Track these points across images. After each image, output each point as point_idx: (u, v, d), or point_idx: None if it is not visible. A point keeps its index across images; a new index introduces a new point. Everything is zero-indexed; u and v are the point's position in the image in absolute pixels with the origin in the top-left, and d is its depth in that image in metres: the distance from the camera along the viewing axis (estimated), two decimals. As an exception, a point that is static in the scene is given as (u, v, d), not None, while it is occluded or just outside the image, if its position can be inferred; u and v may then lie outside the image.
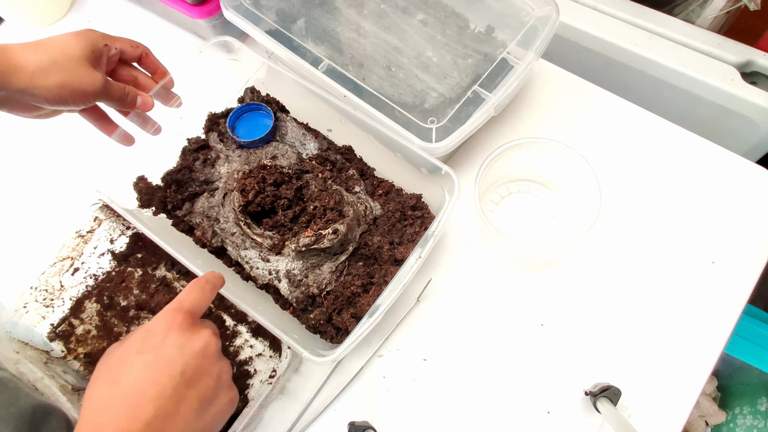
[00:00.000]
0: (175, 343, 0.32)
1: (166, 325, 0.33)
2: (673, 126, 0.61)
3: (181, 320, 0.34)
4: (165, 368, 0.31)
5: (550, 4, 0.56)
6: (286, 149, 0.56)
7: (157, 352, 0.32)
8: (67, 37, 0.44)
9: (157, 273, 0.58)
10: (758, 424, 0.83)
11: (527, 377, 0.51)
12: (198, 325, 0.35)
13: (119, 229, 0.60)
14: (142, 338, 0.33)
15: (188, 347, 0.33)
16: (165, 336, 0.33)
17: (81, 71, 0.43)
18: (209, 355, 0.33)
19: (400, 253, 0.51)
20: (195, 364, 0.32)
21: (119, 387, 0.31)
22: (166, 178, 0.55)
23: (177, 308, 0.34)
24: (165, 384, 0.31)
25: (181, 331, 0.33)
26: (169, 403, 0.30)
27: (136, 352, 0.32)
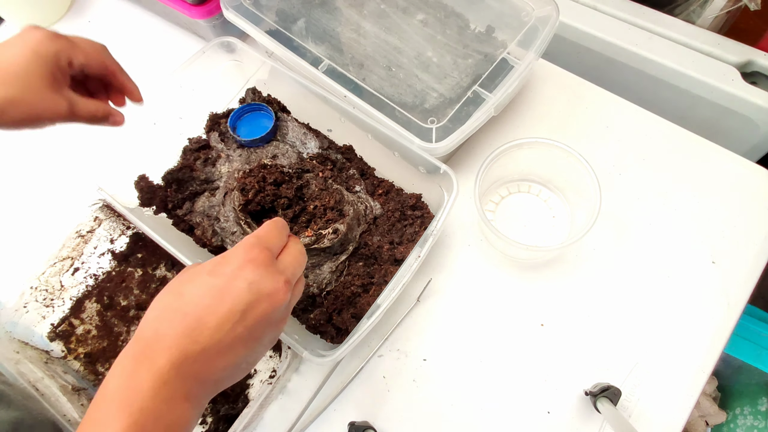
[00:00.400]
0: (247, 277, 0.30)
1: (243, 257, 0.31)
2: (673, 126, 0.61)
3: (257, 254, 0.31)
4: (229, 301, 0.30)
5: (550, 4, 0.56)
6: (287, 149, 0.56)
7: (227, 280, 0.30)
8: (25, 58, 0.38)
9: (158, 273, 0.58)
10: (758, 425, 0.83)
11: (527, 377, 0.51)
12: (273, 266, 0.32)
13: (119, 229, 0.60)
14: (217, 262, 0.31)
15: (258, 286, 0.30)
16: (240, 267, 0.31)
17: (42, 100, 0.39)
18: (276, 301, 0.31)
19: (400, 253, 0.51)
20: (260, 307, 0.30)
21: (182, 301, 0.30)
22: (167, 177, 0.55)
23: (256, 242, 0.32)
24: (225, 318, 0.29)
25: (255, 266, 0.31)
26: (226, 337, 0.29)
27: (207, 273, 0.31)
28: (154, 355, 0.28)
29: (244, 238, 0.33)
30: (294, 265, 0.34)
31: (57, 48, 0.39)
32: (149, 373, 0.28)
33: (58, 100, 0.40)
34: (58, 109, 0.40)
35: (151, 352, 0.29)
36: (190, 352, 0.29)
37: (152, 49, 0.74)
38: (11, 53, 0.38)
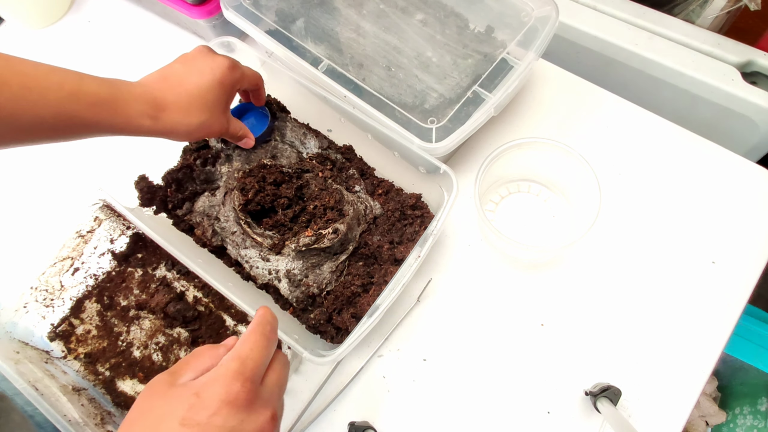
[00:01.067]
0: (224, 424, 0.27)
1: (221, 397, 0.28)
2: (673, 126, 0.61)
3: (238, 391, 0.28)
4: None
5: (550, 4, 0.56)
6: (287, 148, 0.56)
7: (202, 430, 0.27)
8: (214, 89, 0.44)
9: (158, 273, 0.58)
10: (758, 425, 0.83)
11: (527, 377, 0.51)
12: (257, 401, 0.29)
13: (119, 229, 0.60)
14: (189, 405, 0.27)
15: (240, 431, 0.28)
16: (216, 411, 0.27)
17: (217, 116, 0.45)
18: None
19: (400, 253, 0.51)
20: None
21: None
22: (167, 177, 0.55)
23: (237, 373, 0.29)
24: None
25: (235, 409, 0.28)
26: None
27: (180, 423, 0.27)
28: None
29: (223, 361, 0.30)
30: (280, 386, 0.32)
31: (235, 79, 0.46)
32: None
33: (224, 120, 0.47)
34: (223, 126, 0.47)
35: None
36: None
37: (152, 49, 0.74)
38: (207, 84, 0.44)
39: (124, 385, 0.54)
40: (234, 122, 0.50)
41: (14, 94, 0.35)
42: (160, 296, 0.57)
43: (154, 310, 0.56)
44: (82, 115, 0.37)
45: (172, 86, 0.43)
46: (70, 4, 0.78)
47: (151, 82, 0.43)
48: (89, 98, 0.37)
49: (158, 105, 0.41)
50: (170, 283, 0.58)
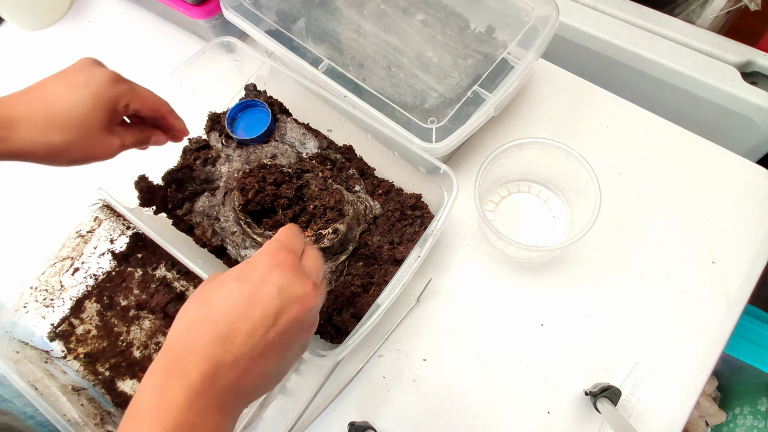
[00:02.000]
0: (276, 281, 0.30)
1: (270, 261, 0.30)
2: (673, 126, 0.61)
3: (284, 257, 0.31)
4: (260, 306, 0.29)
5: (550, 4, 0.56)
6: (286, 148, 0.56)
7: (256, 285, 0.29)
8: (86, 104, 0.38)
9: (158, 273, 0.58)
10: (758, 425, 0.83)
11: (527, 377, 0.51)
12: (300, 269, 0.32)
13: (119, 229, 0.60)
14: (243, 268, 0.31)
15: (288, 290, 0.30)
16: (267, 271, 0.30)
17: (98, 142, 0.40)
18: (307, 304, 0.31)
19: (400, 253, 0.51)
20: (292, 312, 0.30)
21: (211, 309, 0.29)
22: (167, 177, 0.55)
23: (280, 246, 0.32)
24: (258, 324, 0.29)
25: (283, 270, 0.30)
26: (259, 344, 0.29)
27: (235, 279, 0.30)
28: (186, 367, 0.28)
29: (265, 243, 0.33)
30: (318, 268, 0.34)
31: (117, 93, 0.40)
32: (182, 387, 0.27)
33: (111, 140, 0.41)
34: (111, 149, 0.42)
35: (183, 364, 0.28)
36: (223, 362, 0.28)
37: (152, 49, 0.74)
38: (75, 98, 0.38)
39: (124, 385, 0.54)
40: (129, 135, 0.43)
41: None
42: (160, 296, 0.57)
43: (154, 310, 0.56)
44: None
45: (29, 101, 0.38)
46: (70, 5, 0.78)
47: (8, 97, 0.38)
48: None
49: (5, 123, 0.36)
50: (170, 283, 0.58)
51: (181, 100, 0.58)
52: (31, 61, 0.74)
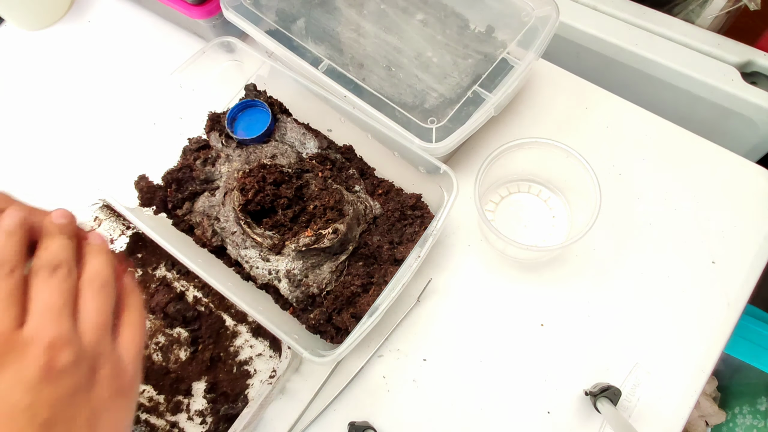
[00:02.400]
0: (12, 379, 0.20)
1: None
2: (673, 126, 0.61)
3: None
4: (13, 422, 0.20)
5: (550, 4, 0.56)
6: (286, 148, 0.56)
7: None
8: None
9: (157, 273, 0.58)
10: (758, 424, 0.83)
11: (527, 377, 0.51)
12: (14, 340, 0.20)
13: (119, 229, 0.60)
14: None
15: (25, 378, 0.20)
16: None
17: None
18: (55, 359, 0.20)
19: (400, 253, 0.51)
20: (48, 397, 0.20)
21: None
22: (167, 177, 0.55)
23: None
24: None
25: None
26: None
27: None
28: None
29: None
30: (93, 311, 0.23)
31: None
32: None
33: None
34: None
35: None
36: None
37: (152, 49, 0.74)
38: None
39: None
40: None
41: None
42: (160, 296, 0.57)
43: (154, 310, 0.56)
44: None
45: None
46: (70, 4, 0.78)
47: None
48: None
49: None
50: (170, 283, 0.58)
51: (181, 100, 0.58)
52: (31, 61, 0.74)
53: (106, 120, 0.69)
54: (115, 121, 0.68)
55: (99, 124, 0.69)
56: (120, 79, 0.72)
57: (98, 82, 0.72)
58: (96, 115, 0.69)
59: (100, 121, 0.69)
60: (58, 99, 0.71)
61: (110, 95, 0.71)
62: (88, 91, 0.71)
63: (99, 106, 0.70)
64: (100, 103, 0.70)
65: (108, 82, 0.72)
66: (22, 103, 0.71)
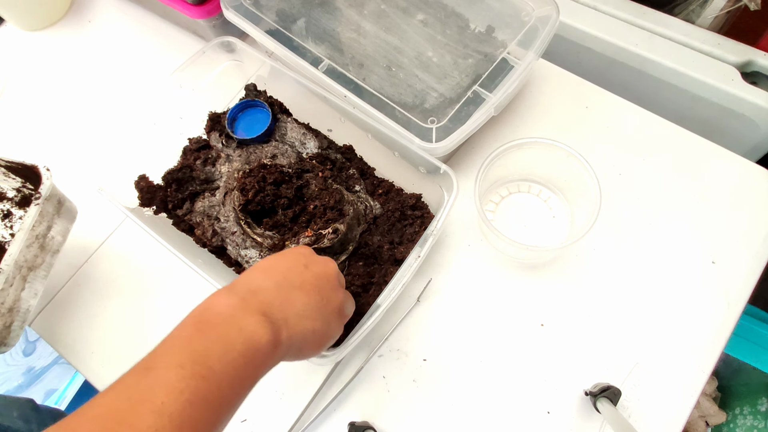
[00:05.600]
0: (302, 251, 0.39)
1: (298, 247, 0.40)
2: (673, 126, 0.61)
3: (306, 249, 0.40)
4: (290, 258, 0.37)
5: (550, 4, 0.56)
6: (286, 148, 0.56)
7: (287, 252, 0.39)
8: None
9: (157, 273, 0.58)
10: (758, 425, 0.83)
11: (527, 377, 0.51)
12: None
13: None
14: (278, 252, 0.40)
15: (312, 257, 0.39)
16: (295, 249, 0.39)
17: None
18: (330, 266, 0.39)
19: (400, 253, 0.51)
20: (318, 266, 0.38)
21: (255, 266, 0.36)
22: (167, 177, 0.55)
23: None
24: (291, 265, 0.36)
25: (307, 250, 0.40)
26: (293, 278, 0.36)
27: (277, 254, 0.38)
28: (234, 289, 0.33)
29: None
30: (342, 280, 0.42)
31: None
32: (228, 296, 0.32)
33: None
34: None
35: (231, 288, 0.33)
36: (264, 286, 0.34)
37: (152, 49, 0.74)
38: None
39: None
40: None
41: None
42: (160, 296, 0.57)
43: (154, 310, 0.56)
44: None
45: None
46: (70, 4, 0.78)
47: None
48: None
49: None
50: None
51: (181, 100, 0.58)
52: (31, 61, 0.74)
53: (106, 120, 0.69)
54: (115, 121, 0.69)
55: (99, 124, 0.69)
56: (120, 79, 0.72)
57: (98, 83, 0.72)
58: (96, 115, 0.69)
59: (100, 121, 0.69)
60: (58, 99, 0.71)
61: (110, 95, 0.71)
62: (88, 91, 0.71)
63: (99, 106, 0.70)
64: (100, 103, 0.70)
65: (108, 83, 0.72)
66: (22, 103, 0.71)
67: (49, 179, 0.48)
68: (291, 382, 0.52)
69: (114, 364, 0.54)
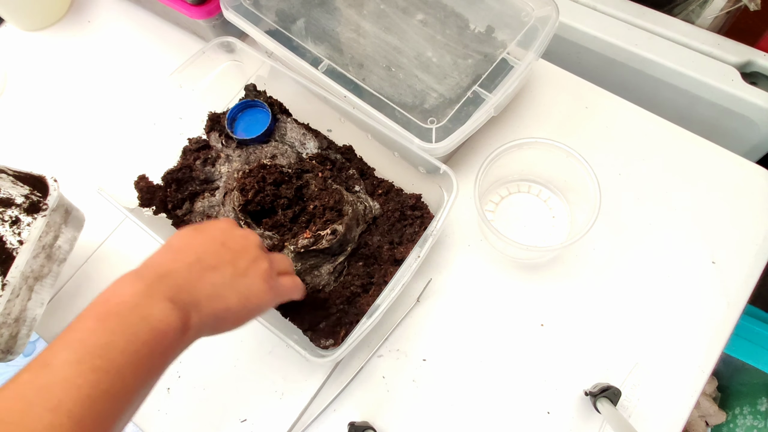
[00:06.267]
0: (221, 225, 0.38)
1: (217, 221, 0.39)
2: (673, 126, 0.61)
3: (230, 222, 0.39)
4: (207, 233, 0.36)
5: (550, 4, 0.56)
6: (286, 149, 0.56)
7: (204, 226, 0.37)
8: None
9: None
10: (758, 425, 0.83)
11: (527, 377, 0.51)
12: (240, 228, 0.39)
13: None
14: (195, 225, 0.38)
15: (232, 230, 0.38)
16: (214, 222, 0.38)
17: None
18: (250, 239, 0.38)
19: (400, 253, 0.51)
20: (236, 240, 0.37)
21: (169, 244, 0.35)
22: (167, 178, 0.55)
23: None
24: (205, 244, 0.35)
25: (228, 221, 0.39)
26: (207, 257, 0.34)
27: (193, 229, 0.37)
28: (143, 272, 0.32)
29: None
30: (281, 258, 0.42)
31: None
32: (134, 281, 0.31)
33: None
34: None
35: (139, 273, 0.32)
36: (175, 268, 0.32)
37: (152, 49, 0.74)
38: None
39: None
40: None
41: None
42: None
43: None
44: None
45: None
46: (70, 4, 0.78)
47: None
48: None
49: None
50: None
51: (180, 101, 0.58)
52: (31, 61, 0.74)
53: (106, 120, 0.69)
54: (115, 122, 0.69)
55: (99, 124, 0.69)
56: (120, 80, 0.72)
57: (98, 83, 0.72)
58: (96, 115, 0.69)
59: (100, 121, 0.69)
60: (58, 99, 0.71)
61: (110, 95, 0.71)
62: (88, 91, 0.71)
63: (99, 107, 0.70)
64: (100, 104, 0.70)
65: (108, 83, 0.72)
66: (22, 104, 0.71)
67: (56, 190, 0.48)
68: (291, 382, 0.52)
69: (114, 365, 0.54)
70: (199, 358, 0.54)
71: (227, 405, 0.52)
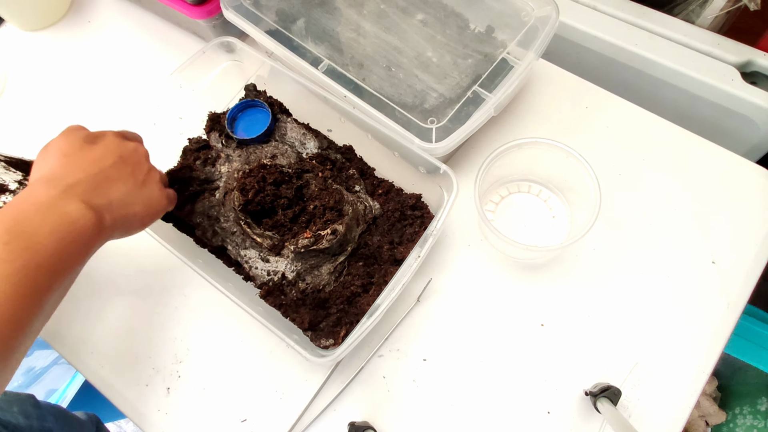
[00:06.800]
0: (114, 139, 0.42)
1: (103, 132, 0.43)
2: (673, 126, 0.61)
3: (114, 132, 0.43)
4: (106, 150, 0.40)
5: (550, 4, 0.56)
6: (286, 149, 0.56)
7: (99, 140, 0.41)
8: None
9: (157, 273, 0.58)
10: (758, 425, 0.83)
11: (527, 377, 0.51)
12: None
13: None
14: (75, 132, 0.41)
15: (123, 143, 0.42)
16: (102, 133, 0.42)
17: None
18: (141, 154, 0.43)
19: (400, 253, 0.51)
20: (130, 155, 0.41)
21: (59, 152, 0.39)
22: (167, 177, 0.55)
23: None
24: (84, 141, 0.39)
25: (116, 135, 0.42)
26: (107, 168, 0.39)
27: (81, 139, 0.40)
28: (50, 181, 0.36)
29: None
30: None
31: None
32: (43, 186, 0.35)
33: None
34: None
35: (47, 181, 0.36)
36: (82, 179, 0.37)
37: (152, 49, 0.74)
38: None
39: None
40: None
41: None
42: (160, 296, 0.56)
43: (154, 310, 0.56)
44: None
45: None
46: (70, 4, 0.78)
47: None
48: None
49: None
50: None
51: (180, 100, 0.58)
52: (31, 61, 0.74)
53: (106, 120, 0.69)
54: (115, 122, 0.69)
55: (99, 125, 0.68)
56: (120, 80, 0.72)
57: (98, 83, 0.72)
58: (96, 115, 0.69)
59: (100, 121, 0.69)
60: (58, 99, 0.71)
61: (110, 95, 0.71)
62: (88, 91, 0.71)
63: (99, 107, 0.70)
64: (100, 104, 0.70)
65: (108, 83, 0.72)
66: (22, 104, 0.71)
67: None
68: (291, 382, 0.52)
69: (114, 364, 0.54)
70: (199, 358, 0.54)
71: (227, 405, 0.52)
